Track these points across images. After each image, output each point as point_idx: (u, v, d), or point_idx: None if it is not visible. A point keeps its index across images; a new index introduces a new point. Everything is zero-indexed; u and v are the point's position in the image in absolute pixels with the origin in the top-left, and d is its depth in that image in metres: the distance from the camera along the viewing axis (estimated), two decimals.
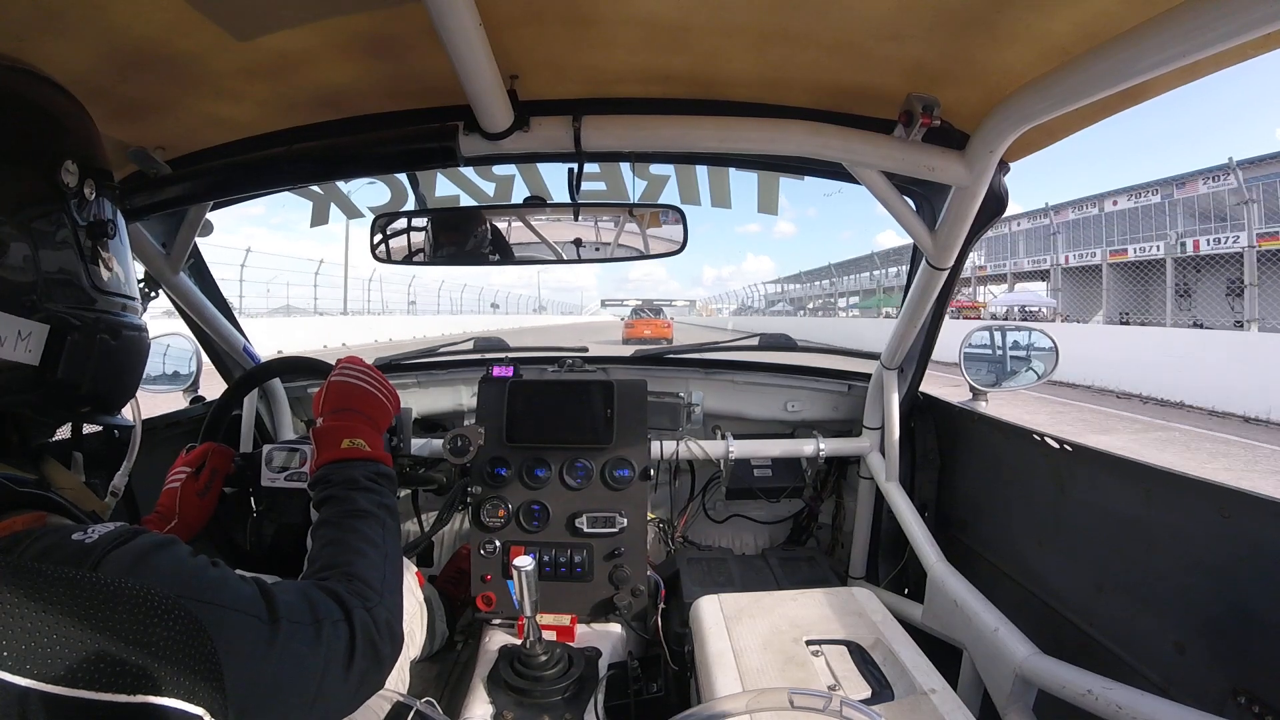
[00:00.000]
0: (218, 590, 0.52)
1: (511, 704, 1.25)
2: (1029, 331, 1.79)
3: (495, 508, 1.60)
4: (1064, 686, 1.04)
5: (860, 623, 1.27)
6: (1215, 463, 6.00)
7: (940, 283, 1.41)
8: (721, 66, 1.03)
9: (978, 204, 1.18)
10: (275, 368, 1.60)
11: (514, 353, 2.10)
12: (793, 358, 2.14)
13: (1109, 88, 0.79)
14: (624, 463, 1.62)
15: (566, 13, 0.87)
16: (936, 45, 0.90)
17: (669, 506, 2.10)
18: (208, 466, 1.25)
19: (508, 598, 1.40)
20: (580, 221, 1.49)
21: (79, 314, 0.63)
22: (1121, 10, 0.72)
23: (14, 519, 0.52)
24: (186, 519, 1.18)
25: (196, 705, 0.45)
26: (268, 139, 1.21)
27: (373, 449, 0.86)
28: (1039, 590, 1.35)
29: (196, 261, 1.59)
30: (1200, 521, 0.97)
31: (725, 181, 1.87)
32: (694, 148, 1.22)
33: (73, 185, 0.63)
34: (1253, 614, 0.90)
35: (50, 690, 0.39)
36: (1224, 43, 0.64)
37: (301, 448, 1.39)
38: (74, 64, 0.85)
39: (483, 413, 1.70)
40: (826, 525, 2.13)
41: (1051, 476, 1.32)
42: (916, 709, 1.03)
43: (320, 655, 0.57)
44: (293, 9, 0.83)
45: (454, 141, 1.07)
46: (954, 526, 1.71)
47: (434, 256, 1.57)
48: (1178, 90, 0.87)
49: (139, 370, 0.75)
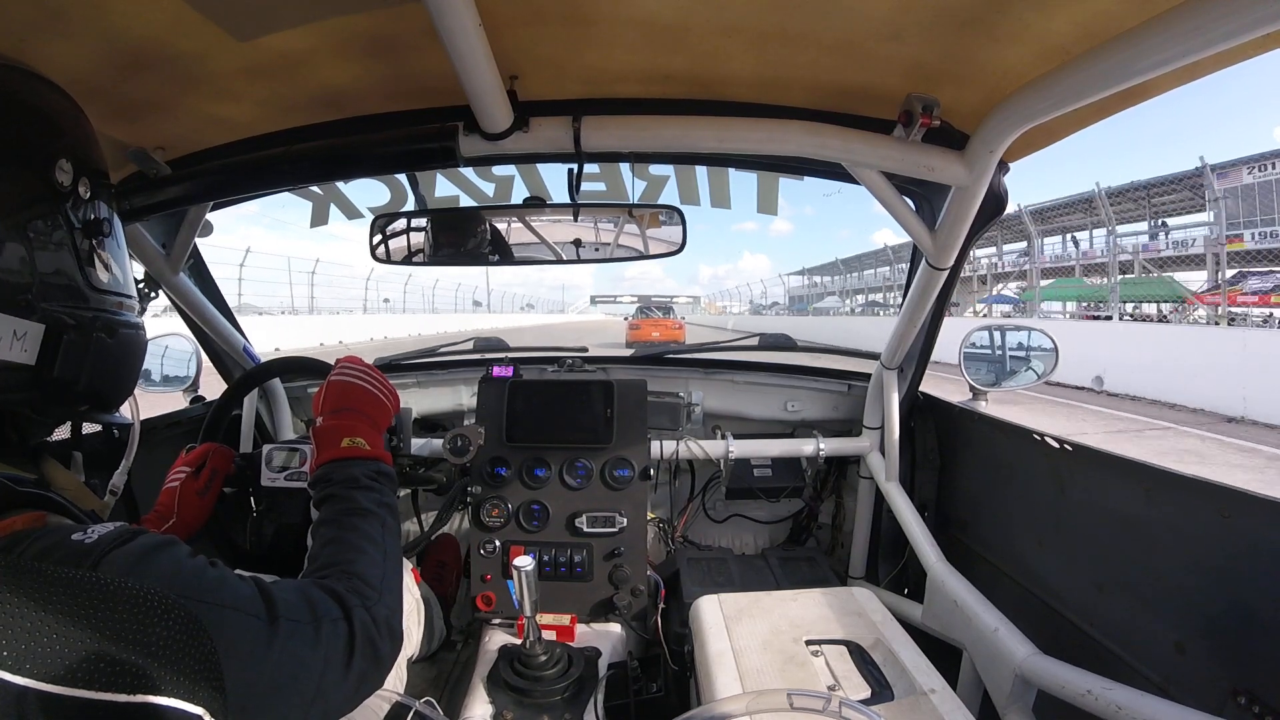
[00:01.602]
0: (217, 590, 0.52)
1: (511, 704, 1.25)
2: (1029, 331, 1.80)
3: (495, 507, 1.60)
4: (1064, 686, 1.04)
5: (860, 623, 1.27)
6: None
7: (940, 283, 1.41)
8: (721, 66, 1.03)
9: (978, 204, 1.18)
10: (275, 368, 1.60)
11: (514, 353, 2.11)
12: (793, 358, 2.14)
13: (1109, 88, 0.79)
14: (624, 462, 1.62)
15: (566, 13, 0.87)
16: (936, 45, 0.90)
17: (669, 506, 2.10)
18: (207, 466, 1.25)
19: (507, 597, 1.40)
20: (580, 222, 1.49)
21: (75, 313, 0.63)
22: (1121, 10, 0.72)
23: (14, 519, 0.52)
24: (185, 519, 1.19)
25: (196, 705, 0.45)
26: (268, 139, 1.21)
27: (373, 448, 0.86)
28: (1039, 590, 1.35)
29: (196, 262, 1.59)
30: (1200, 521, 0.97)
31: (725, 182, 1.87)
32: (693, 148, 1.22)
33: (67, 184, 0.63)
34: (1252, 614, 0.90)
35: (50, 690, 0.39)
36: (1224, 43, 0.64)
37: (301, 447, 1.39)
38: (74, 64, 0.85)
39: (483, 413, 1.71)
40: (826, 525, 2.13)
41: (1051, 476, 1.32)
42: (916, 709, 1.03)
43: (320, 654, 0.57)
44: (293, 9, 0.83)
45: (454, 142, 1.07)
46: (954, 526, 1.71)
47: (433, 257, 1.57)
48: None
49: (136, 368, 0.75)
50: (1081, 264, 21.16)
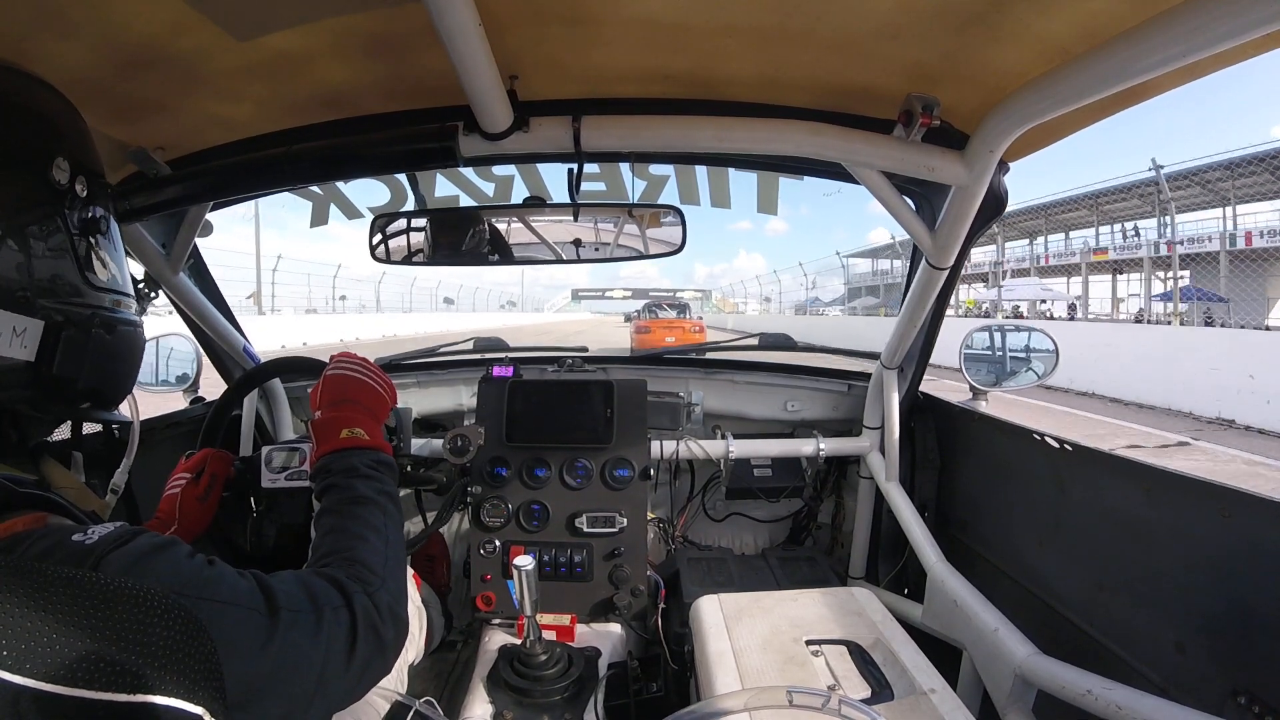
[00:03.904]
0: (215, 586, 0.52)
1: (511, 704, 1.25)
2: (1029, 332, 1.80)
3: (495, 508, 1.60)
4: (1064, 686, 1.04)
5: (860, 623, 1.27)
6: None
7: (940, 282, 1.41)
8: (721, 66, 1.03)
9: (977, 204, 1.18)
10: (275, 368, 1.59)
11: (514, 352, 2.11)
12: (793, 357, 2.14)
13: (1109, 88, 0.79)
14: (624, 462, 1.62)
15: (566, 13, 0.87)
16: (936, 45, 0.90)
17: (669, 506, 2.10)
18: (207, 471, 1.25)
19: (508, 597, 1.40)
20: (580, 222, 1.49)
21: (73, 310, 0.63)
22: (1121, 10, 0.72)
23: (14, 519, 0.52)
24: (187, 525, 1.18)
25: (196, 705, 0.45)
26: (268, 139, 1.21)
27: (372, 437, 0.86)
28: (1039, 590, 1.35)
29: (196, 262, 1.59)
30: (1200, 521, 0.97)
31: (725, 182, 1.87)
32: (693, 148, 1.22)
33: (64, 182, 0.63)
34: (1253, 614, 0.90)
35: (49, 689, 0.39)
36: (1224, 43, 0.64)
37: (301, 447, 1.39)
38: (74, 64, 0.85)
39: (483, 412, 1.70)
40: (826, 525, 2.13)
41: (1051, 476, 1.32)
42: (916, 709, 1.03)
43: (322, 643, 0.57)
44: (293, 9, 0.83)
45: (454, 142, 1.07)
46: (954, 526, 1.71)
47: (433, 257, 1.57)
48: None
49: (135, 365, 0.76)
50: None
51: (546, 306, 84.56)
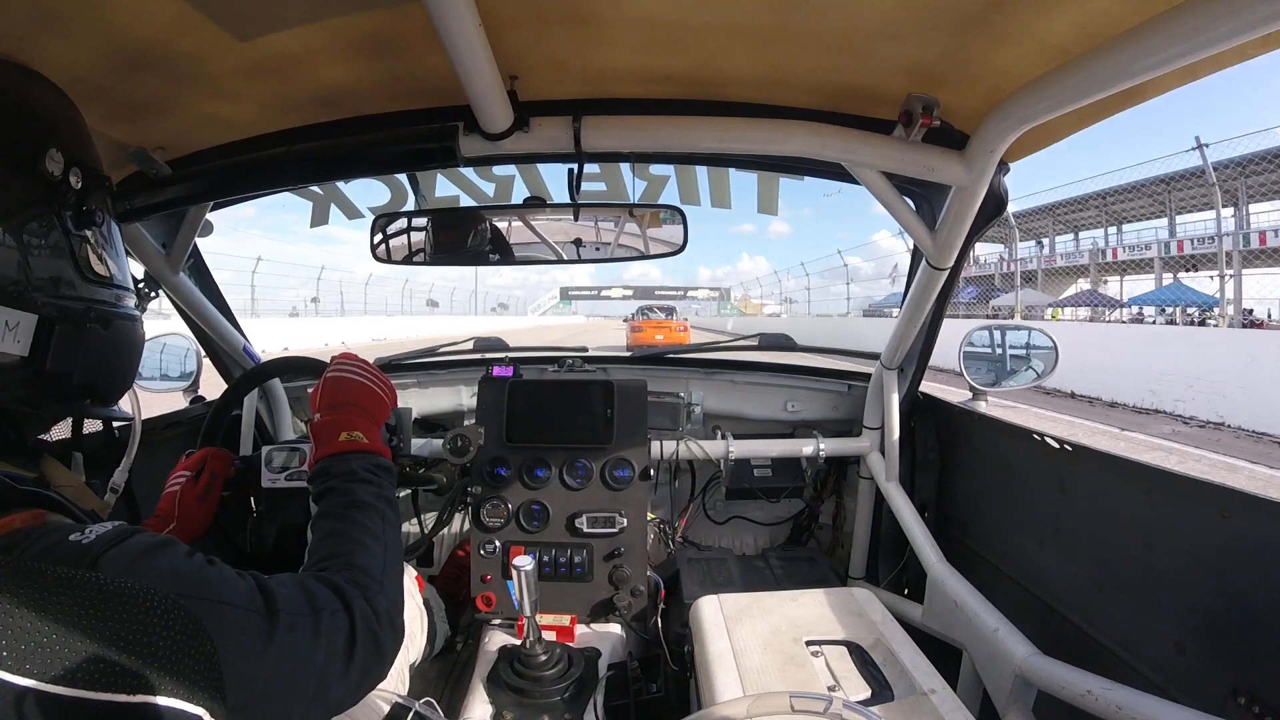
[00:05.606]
0: (214, 587, 0.52)
1: (511, 704, 1.25)
2: (1029, 331, 1.80)
3: (495, 508, 1.60)
4: (1064, 687, 1.04)
5: (860, 623, 1.27)
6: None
7: (940, 283, 1.41)
8: (721, 66, 1.03)
9: (978, 204, 1.18)
10: (274, 368, 1.60)
11: (514, 353, 2.11)
12: (792, 358, 2.14)
13: (1109, 88, 0.79)
14: (624, 463, 1.62)
15: (566, 13, 0.87)
16: (936, 45, 0.90)
17: (669, 506, 2.10)
18: (206, 470, 1.25)
19: (507, 598, 1.40)
20: (580, 222, 1.49)
21: (67, 303, 0.63)
22: (1121, 10, 0.72)
23: (13, 517, 0.52)
24: (186, 524, 1.18)
25: (195, 705, 0.45)
26: (268, 139, 1.21)
27: (371, 441, 0.86)
28: (1039, 590, 1.35)
29: (196, 262, 1.59)
30: (1200, 521, 0.97)
31: (725, 182, 1.87)
32: (694, 148, 1.22)
33: (57, 174, 0.62)
34: (1252, 614, 0.90)
35: (49, 690, 0.39)
36: (1224, 43, 0.64)
37: (301, 447, 1.39)
38: (74, 64, 0.85)
39: (483, 413, 1.70)
40: (826, 525, 2.13)
41: (1051, 476, 1.32)
42: (916, 709, 1.03)
43: (320, 647, 0.57)
44: (293, 9, 0.83)
45: (454, 142, 1.07)
46: (954, 526, 1.71)
47: (433, 257, 1.57)
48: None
49: (133, 360, 0.75)
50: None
51: (530, 309, 75.30)
